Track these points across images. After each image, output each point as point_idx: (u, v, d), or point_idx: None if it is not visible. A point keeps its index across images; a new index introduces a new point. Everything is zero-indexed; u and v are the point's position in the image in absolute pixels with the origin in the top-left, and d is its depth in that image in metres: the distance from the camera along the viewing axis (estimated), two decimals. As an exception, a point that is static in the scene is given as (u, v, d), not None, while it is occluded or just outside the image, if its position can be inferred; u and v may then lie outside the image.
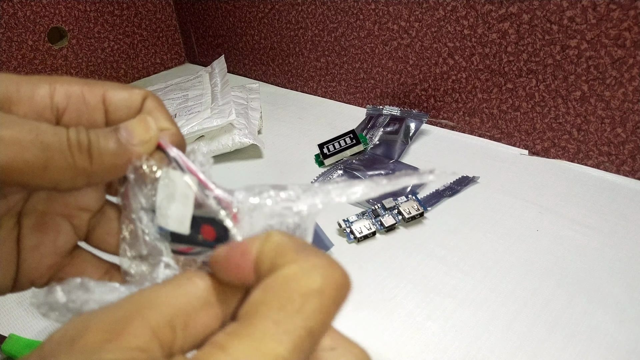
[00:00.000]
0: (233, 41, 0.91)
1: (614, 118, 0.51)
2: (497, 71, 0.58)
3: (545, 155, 0.59)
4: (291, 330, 0.13)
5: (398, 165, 0.57)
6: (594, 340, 0.35)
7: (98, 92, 0.20)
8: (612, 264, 0.42)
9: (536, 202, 0.50)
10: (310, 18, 0.75)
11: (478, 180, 0.54)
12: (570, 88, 0.53)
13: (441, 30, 0.61)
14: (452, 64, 0.62)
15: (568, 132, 0.56)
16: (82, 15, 0.84)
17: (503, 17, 0.55)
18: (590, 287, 0.39)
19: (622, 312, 0.37)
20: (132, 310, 0.14)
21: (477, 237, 0.46)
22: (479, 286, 0.40)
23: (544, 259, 0.43)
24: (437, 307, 0.39)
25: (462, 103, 0.63)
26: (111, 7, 0.88)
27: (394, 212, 0.48)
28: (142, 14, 0.93)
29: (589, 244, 0.44)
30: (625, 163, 0.53)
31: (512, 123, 0.60)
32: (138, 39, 0.94)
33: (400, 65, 0.67)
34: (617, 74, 0.49)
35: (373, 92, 0.73)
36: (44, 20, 0.80)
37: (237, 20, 0.87)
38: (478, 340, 0.36)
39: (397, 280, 0.42)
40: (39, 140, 0.17)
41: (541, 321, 0.37)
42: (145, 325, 0.14)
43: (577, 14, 0.49)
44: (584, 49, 0.50)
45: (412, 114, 0.64)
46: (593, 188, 0.52)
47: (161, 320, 0.14)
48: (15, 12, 0.76)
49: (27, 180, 0.17)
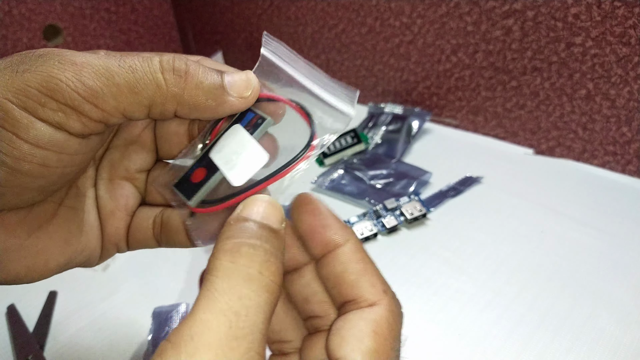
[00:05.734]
0: (231, 38, 0.89)
1: (620, 117, 0.51)
2: (501, 69, 0.57)
3: (551, 154, 0.58)
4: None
5: (400, 164, 0.56)
6: (598, 342, 0.34)
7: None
8: (618, 266, 0.41)
9: (541, 202, 0.49)
10: (310, 14, 0.74)
11: (482, 180, 0.54)
12: (575, 86, 0.52)
13: (444, 26, 0.60)
14: (455, 61, 0.61)
15: (573, 131, 0.55)
16: (77, 12, 0.83)
17: (507, 13, 0.54)
18: (595, 289, 0.39)
19: (627, 315, 0.36)
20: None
21: (480, 239, 0.45)
22: (483, 288, 0.40)
23: (549, 260, 0.42)
24: (440, 310, 0.38)
25: (465, 101, 0.62)
26: (107, 4, 0.87)
27: (396, 213, 0.47)
28: (138, 11, 0.92)
29: (595, 245, 0.43)
30: (631, 162, 0.52)
31: (516, 122, 0.59)
32: (134, 35, 0.93)
33: (403, 62, 0.66)
34: (623, 72, 0.48)
35: (374, 89, 0.72)
36: (39, 18, 0.79)
37: (236, 16, 0.86)
38: (482, 344, 0.35)
39: (400, 282, 0.41)
40: (127, 64, 0.17)
41: (546, 324, 0.36)
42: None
43: (581, 11, 0.49)
44: (589, 47, 0.50)
45: (415, 112, 0.63)
46: (598, 188, 0.51)
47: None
48: (10, 9, 0.75)
49: (122, 106, 0.17)
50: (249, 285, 0.15)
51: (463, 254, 0.44)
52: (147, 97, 0.17)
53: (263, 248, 0.16)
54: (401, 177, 0.54)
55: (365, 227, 0.46)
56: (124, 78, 0.17)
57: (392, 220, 0.46)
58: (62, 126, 0.17)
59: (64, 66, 0.16)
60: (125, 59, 0.17)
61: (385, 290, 0.19)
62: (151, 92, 0.17)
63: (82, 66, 0.17)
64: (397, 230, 0.47)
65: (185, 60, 0.18)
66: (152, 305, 0.40)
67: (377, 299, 0.18)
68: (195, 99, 0.18)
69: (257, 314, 0.15)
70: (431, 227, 0.47)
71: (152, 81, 0.17)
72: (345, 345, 0.17)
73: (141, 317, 0.39)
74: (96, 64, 0.17)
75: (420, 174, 0.54)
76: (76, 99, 0.17)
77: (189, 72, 0.18)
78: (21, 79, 0.16)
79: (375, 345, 0.17)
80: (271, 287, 0.15)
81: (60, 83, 0.16)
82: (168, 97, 0.18)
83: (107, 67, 0.17)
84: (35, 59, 0.17)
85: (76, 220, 0.21)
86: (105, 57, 0.17)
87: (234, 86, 0.19)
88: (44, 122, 0.17)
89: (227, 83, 0.19)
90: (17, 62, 0.17)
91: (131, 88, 0.17)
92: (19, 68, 0.17)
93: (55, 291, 0.42)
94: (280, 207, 0.18)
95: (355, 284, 0.18)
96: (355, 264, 0.19)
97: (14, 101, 0.16)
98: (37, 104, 0.16)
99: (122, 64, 0.17)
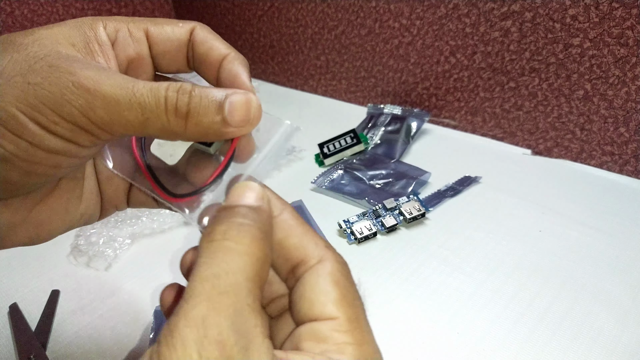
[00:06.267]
0: (232, 39, 0.90)
1: (617, 117, 0.51)
2: (500, 70, 0.57)
3: (548, 154, 0.58)
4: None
5: (399, 164, 0.57)
6: (596, 341, 0.35)
7: (141, 27, 0.22)
8: (615, 265, 0.41)
9: (539, 202, 0.50)
10: (310, 16, 0.74)
11: (480, 180, 0.54)
12: (573, 87, 0.53)
13: (443, 28, 0.60)
14: (454, 63, 0.61)
15: (571, 132, 0.55)
16: (79, 13, 0.84)
17: (505, 15, 0.54)
18: (593, 288, 0.39)
19: (625, 314, 0.37)
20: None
21: (479, 238, 0.45)
22: (482, 287, 0.40)
23: (547, 259, 0.42)
24: (439, 309, 0.38)
25: (464, 102, 0.63)
26: (109, 5, 0.87)
27: (395, 213, 0.48)
28: (140, 12, 0.92)
29: (592, 244, 0.44)
30: (629, 163, 0.52)
31: (514, 122, 0.59)
32: (136, 37, 0.93)
33: (402, 63, 0.67)
34: (620, 72, 0.49)
35: (374, 90, 0.72)
36: (41, 19, 0.79)
37: (236, 17, 0.86)
38: (481, 343, 0.35)
39: (399, 281, 0.41)
40: (137, 101, 0.18)
41: (544, 323, 0.36)
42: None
43: (579, 12, 0.49)
44: (586, 48, 0.50)
45: (414, 113, 0.63)
46: (596, 188, 0.51)
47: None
48: (12, 10, 0.76)
49: (128, 133, 0.19)
50: (227, 253, 0.16)
51: (462, 253, 0.44)
52: (153, 130, 0.19)
53: (236, 222, 0.17)
54: (400, 177, 0.54)
55: (364, 226, 0.46)
56: (133, 115, 0.18)
57: (391, 219, 0.47)
58: (72, 140, 0.18)
59: (78, 91, 0.17)
60: (135, 90, 0.18)
61: (327, 245, 0.19)
62: (156, 128, 0.19)
63: (94, 95, 0.17)
64: (396, 230, 0.47)
65: (186, 99, 0.19)
66: (153, 304, 0.41)
67: (323, 254, 0.19)
68: (196, 134, 0.19)
69: (238, 273, 0.16)
70: (430, 227, 0.48)
71: (158, 121, 0.18)
72: (316, 303, 0.18)
73: (143, 316, 0.40)
74: (108, 95, 0.17)
75: (419, 174, 0.54)
76: (87, 124, 0.18)
77: (189, 113, 0.19)
78: (34, 94, 0.17)
79: (340, 293, 0.18)
80: (250, 251, 0.16)
81: (73, 109, 0.17)
82: (171, 133, 0.19)
83: (118, 102, 0.18)
84: (46, 69, 0.17)
85: (76, 189, 0.22)
86: (119, 83, 0.18)
87: (234, 113, 0.19)
88: (56, 136, 0.18)
89: (227, 113, 0.19)
90: (27, 70, 0.17)
91: (139, 123, 0.18)
92: (30, 79, 0.17)
93: (57, 290, 0.42)
94: (254, 186, 0.19)
95: (299, 245, 0.19)
96: (296, 228, 0.20)
97: (28, 114, 0.17)
98: (50, 122, 0.17)
99: (133, 100, 0.18)
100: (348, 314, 0.17)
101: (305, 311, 0.18)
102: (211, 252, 0.16)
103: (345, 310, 0.17)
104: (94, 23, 0.21)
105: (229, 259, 0.16)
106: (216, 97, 0.19)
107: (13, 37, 0.19)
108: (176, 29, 0.22)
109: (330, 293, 0.18)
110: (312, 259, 0.19)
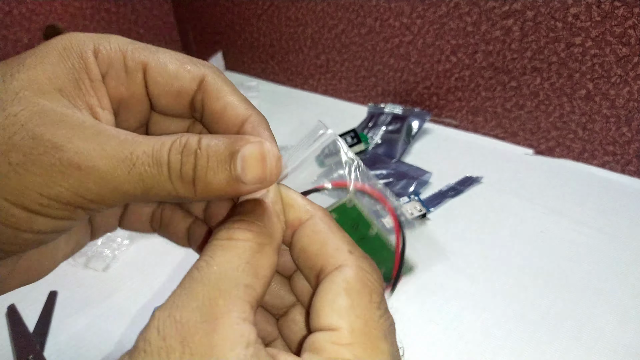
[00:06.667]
0: (231, 38, 0.90)
1: (619, 117, 0.51)
2: (501, 69, 0.57)
3: (550, 154, 0.58)
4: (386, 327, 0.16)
5: (400, 164, 0.56)
6: (598, 342, 0.34)
7: (139, 59, 0.18)
8: (617, 265, 0.41)
9: (540, 202, 0.49)
10: (310, 15, 0.74)
11: (481, 180, 0.54)
12: (575, 86, 0.52)
13: (444, 27, 0.60)
14: (455, 62, 0.61)
15: (573, 131, 0.55)
16: (78, 12, 0.83)
17: (507, 14, 0.54)
18: (595, 289, 0.39)
19: (626, 314, 0.36)
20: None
21: (480, 239, 0.45)
22: (483, 288, 0.40)
23: (549, 260, 0.42)
24: (439, 310, 0.38)
25: (465, 101, 0.62)
26: (107, 4, 0.87)
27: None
28: (138, 11, 0.92)
29: (594, 245, 0.43)
30: (631, 163, 0.52)
31: (516, 122, 0.59)
32: (135, 36, 0.93)
33: (402, 62, 0.66)
34: (622, 72, 0.48)
35: (374, 90, 0.72)
36: (39, 18, 0.79)
37: (236, 17, 0.86)
38: (482, 344, 0.35)
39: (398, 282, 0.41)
40: (136, 172, 0.16)
41: (545, 323, 0.36)
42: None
43: (581, 11, 0.49)
44: (588, 47, 0.50)
45: (414, 113, 0.63)
46: (598, 188, 0.51)
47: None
48: (10, 9, 0.75)
49: (129, 202, 0.17)
50: (220, 251, 0.16)
51: (462, 253, 0.44)
52: (159, 197, 0.17)
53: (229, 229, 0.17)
54: (401, 177, 0.54)
55: (365, 227, 0.46)
56: (133, 186, 0.16)
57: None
58: (65, 217, 0.16)
59: (67, 170, 0.15)
60: (134, 158, 0.16)
61: (351, 250, 0.18)
62: (160, 196, 0.17)
63: (87, 172, 0.15)
64: (397, 230, 0.47)
65: (192, 161, 0.16)
66: (152, 305, 0.40)
67: (343, 260, 0.17)
68: (206, 197, 0.17)
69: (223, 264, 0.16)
70: (431, 227, 0.47)
71: (163, 189, 0.16)
72: (321, 313, 0.16)
73: (141, 317, 0.39)
74: (103, 170, 0.15)
75: (420, 174, 0.54)
76: (80, 202, 0.16)
77: (197, 177, 0.16)
78: (17, 178, 0.15)
79: (349, 301, 0.16)
80: (241, 245, 0.16)
81: (64, 191, 0.15)
82: (180, 198, 0.17)
83: (115, 177, 0.15)
84: (28, 143, 0.15)
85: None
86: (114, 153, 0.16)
87: (248, 171, 0.16)
88: (46, 217, 0.16)
89: (240, 170, 0.16)
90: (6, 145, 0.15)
91: (140, 194, 0.16)
92: (11, 158, 0.15)
93: (55, 291, 0.42)
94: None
95: (319, 252, 0.18)
96: (318, 234, 0.18)
97: (14, 201, 0.15)
98: (39, 205, 0.15)
99: (133, 172, 0.16)
100: (353, 326, 0.15)
101: (312, 320, 0.17)
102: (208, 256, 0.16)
103: (350, 320, 0.16)
104: (85, 49, 0.18)
105: (219, 254, 0.16)
106: (226, 151, 0.16)
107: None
108: (181, 73, 0.19)
109: (337, 301, 0.16)
110: (331, 266, 0.17)
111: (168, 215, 0.22)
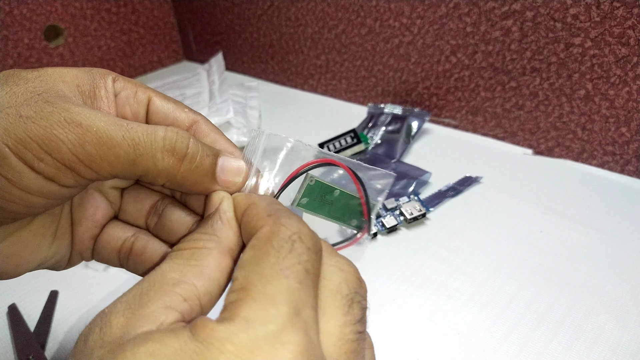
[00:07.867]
0: (231, 38, 0.90)
1: (619, 117, 0.51)
2: (501, 69, 0.57)
3: (550, 154, 0.58)
4: (290, 266, 0.15)
5: (400, 164, 0.57)
6: (597, 342, 0.34)
7: (147, 92, 0.22)
8: (616, 265, 0.41)
9: (540, 202, 0.49)
10: (310, 15, 0.74)
11: (481, 180, 0.54)
12: (574, 87, 0.53)
13: (443, 27, 0.60)
14: (454, 62, 0.61)
15: (572, 132, 0.55)
16: (78, 12, 0.83)
17: (506, 14, 0.54)
18: (594, 289, 0.39)
19: (626, 314, 0.36)
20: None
21: (480, 238, 0.45)
22: (482, 288, 0.40)
23: (548, 260, 0.42)
24: (439, 309, 0.38)
25: (464, 101, 0.62)
26: (108, 4, 0.87)
27: (395, 213, 0.47)
28: (139, 11, 0.92)
29: (593, 245, 0.43)
30: (630, 163, 0.52)
31: (515, 122, 0.59)
32: (135, 36, 0.93)
33: (402, 63, 0.67)
34: (622, 72, 0.49)
35: (374, 90, 0.72)
36: (40, 18, 0.79)
37: (236, 17, 0.86)
38: (481, 343, 0.35)
39: (399, 282, 0.41)
40: (131, 137, 0.18)
41: (545, 323, 0.36)
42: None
43: (580, 12, 0.49)
44: (588, 47, 0.50)
45: (414, 113, 0.63)
46: (597, 188, 0.51)
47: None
48: (11, 9, 0.75)
49: (114, 172, 0.18)
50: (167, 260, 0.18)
51: (462, 253, 0.44)
52: (142, 169, 0.19)
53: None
54: (401, 177, 0.54)
55: (365, 227, 0.46)
56: (124, 150, 0.18)
57: (392, 220, 0.47)
58: (54, 179, 0.18)
59: (69, 126, 0.17)
60: (131, 129, 0.18)
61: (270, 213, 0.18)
62: (147, 166, 0.19)
63: (86, 129, 0.17)
64: (396, 230, 0.47)
65: (187, 142, 0.19)
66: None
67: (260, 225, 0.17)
68: (185, 181, 0.20)
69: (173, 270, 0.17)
70: (430, 227, 0.47)
71: (151, 158, 0.18)
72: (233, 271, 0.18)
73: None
74: (101, 129, 0.17)
75: (419, 174, 0.54)
76: (73, 161, 0.17)
77: (187, 156, 0.19)
78: (23, 127, 0.17)
79: (250, 254, 0.16)
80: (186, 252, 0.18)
81: (62, 144, 0.17)
82: (161, 173, 0.19)
83: (111, 137, 0.17)
84: (41, 104, 0.17)
85: (52, 226, 0.22)
86: (113, 121, 0.18)
87: (225, 172, 0.21)
88: (38, 173, 0.17)
89: (219, 170, 0.20)
90: (21, 103, 0.17)
91: (129, 160, 0.18)
92: (23, 111, 0.17)
93: (56, 291, 0.42)
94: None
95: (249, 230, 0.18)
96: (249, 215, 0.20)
97: (13, 149, 0.17)
98: (35, 157, 0.17)
99: (127, 136, 0.18)
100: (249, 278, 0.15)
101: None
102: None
103: (246, 273, 0.15)
104: (106, 74, 0.21)
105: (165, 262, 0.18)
106: (212, 151, 0.20)
107: (18, 72, 0.19)
108: (178, 112, 0.22)
109: (242, 257, 0.17)
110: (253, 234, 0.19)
111: (142, 243, 0.23)
